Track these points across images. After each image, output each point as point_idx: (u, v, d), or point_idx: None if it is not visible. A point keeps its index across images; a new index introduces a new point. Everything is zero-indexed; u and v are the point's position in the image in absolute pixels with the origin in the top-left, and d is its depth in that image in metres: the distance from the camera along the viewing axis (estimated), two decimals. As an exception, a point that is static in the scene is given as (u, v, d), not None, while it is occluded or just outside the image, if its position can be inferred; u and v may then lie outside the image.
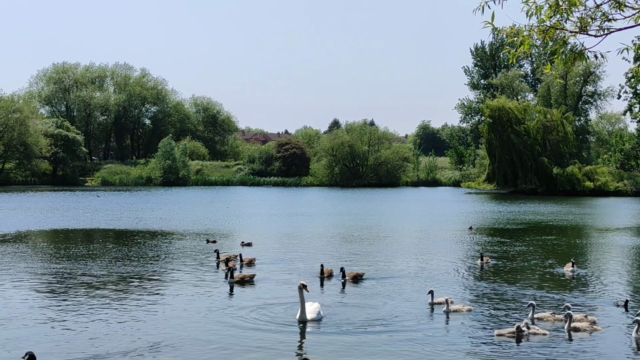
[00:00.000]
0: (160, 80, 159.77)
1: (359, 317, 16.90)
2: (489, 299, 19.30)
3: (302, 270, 24.02)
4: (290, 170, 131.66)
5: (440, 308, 17.64)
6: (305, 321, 16.35)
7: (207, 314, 17.15)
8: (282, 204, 69.19)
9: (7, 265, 24.52)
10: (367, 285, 21.19)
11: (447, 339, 15.00)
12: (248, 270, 23.75)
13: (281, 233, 38.51)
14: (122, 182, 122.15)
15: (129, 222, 44.58)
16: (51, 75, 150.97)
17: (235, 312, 17.38)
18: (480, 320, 16.73)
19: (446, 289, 20.47)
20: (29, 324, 15.69)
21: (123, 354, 13.49)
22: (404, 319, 16.82)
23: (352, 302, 18.73)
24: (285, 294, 19.53)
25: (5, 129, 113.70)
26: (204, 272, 23.51)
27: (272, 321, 16.46)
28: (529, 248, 31.47)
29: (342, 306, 18.28)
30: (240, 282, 21.17)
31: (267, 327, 15.93)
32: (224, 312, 17.36)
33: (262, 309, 17.67)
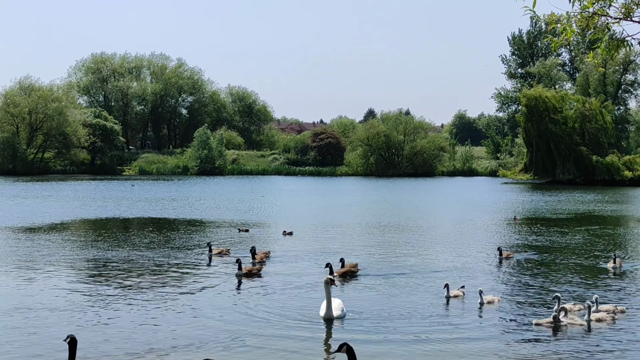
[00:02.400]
0: (196, 70, 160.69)
1: (387, 312, 16.10)
2: (527, 291, 18.97)
3: (322, 263, 23.54)
4: (325, 160, 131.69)
5: (456, 301, 17.21)
6: (331, 318, 15.21)
7: (232, 308, 16.40)
8: (317, 194, 69.23)
9: (46, 254, 24.73)
10: (399, 279, 20.38)
11: (483, 331, 14.76)
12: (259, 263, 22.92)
13: (316, 223, 38.39)
14: (158, 171, 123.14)
15: (164, 211, 44.91)
16: (89, 66, 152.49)
17: (250, 305, 16.66)
18: (516, 311, 16.45)
19: (480, 281, 20.06)
20: (67, 311, 15.78)
21: (149, 345, 13.44)
22: (438, 311, 16.40)
23: (378, 297, 17.92)
24: (304, 288, 18.87)
25: (44, 119, 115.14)
26: (230, 264, 22.78)
27: (293, 318, 15.46)
28: (574, 239, 30.71)
29: (366, 301, 17.32)
30: (247, 275, 20.42)
31: (287, 324, 14.95)
32: (243, 306, 16.58)
33: (282, 303, 16.88)
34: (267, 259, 23.77)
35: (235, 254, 23.89)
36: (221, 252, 24.43)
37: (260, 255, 23.34)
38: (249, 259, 22.85)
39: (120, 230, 33.70)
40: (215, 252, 24.30)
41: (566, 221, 39.88)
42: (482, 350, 13.31)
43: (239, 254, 24.49)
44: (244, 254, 23.67)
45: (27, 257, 23.68)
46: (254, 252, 23.29)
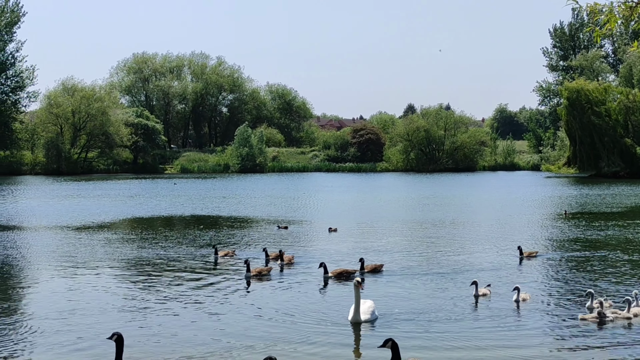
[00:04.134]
0: (236, 68, 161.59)
1: (421, 312, 15.62)
2: (561, 287, 18.63)
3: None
4: (365, 156, 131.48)
5: (484, 300, 16.82)
6: (359, 322, 14.53)
7: (267, 310, 15.91)
8: (358, 190, 69.11)
9: (92, 253, 25.07)
10: (433, 278, 19.90)
11: (527, 327, 14.52)
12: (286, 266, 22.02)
13: (359, 219, 38.32)
14: (200, 169, 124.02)
15: (206, 208, 45.25)
16: (131, 66, 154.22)
17: (276, 308, 16.08)
18: (554, 307, 16.22)
19: (508, 278, 19.67)
20: (113, 310, 15.96)
21: (196, 345, 13.47)
22: (477, 309, 16.13)
23: (411, 297, 17.37)
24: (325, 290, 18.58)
25: (87, 119, 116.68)
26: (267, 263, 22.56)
27: (321, 321, 14.89)
28: (624, 233, 29.98)
29: (400, 301, 16.81)
30: (257, 277, 19.85)
31: (315, 328, 14.36)
32: (271, 309, 15.96)
33: (303, 307, 16.25)
34: (233, 256, 23.38)
35: (272, 251, 23.72)
36: (227, 254, 23.68)
37: (288, 257, 22.50)
38: (259, 260, 22.42)
39: (163, 228, 34.02)
40: (221, 254, 23.61)
41: (617, 215, 39.02)
42: (531, 346, 13.12)
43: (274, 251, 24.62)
44: (290, 252, 23.66)
45: (73, 257, 23.97)
46: (266, 252, 22.92)
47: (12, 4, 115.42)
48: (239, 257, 23.23)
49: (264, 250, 23.20)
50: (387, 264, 21.91)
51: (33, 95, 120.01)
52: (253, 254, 23.87)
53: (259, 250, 24.16)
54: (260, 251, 23.74)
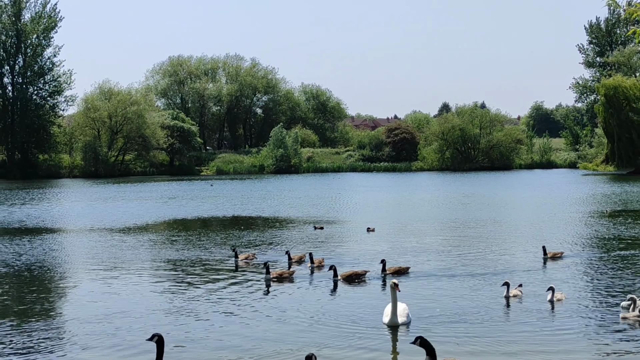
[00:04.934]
0: (270, 70, 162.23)
1: (456, 315, 15.30)
2: (593, 288, 18.39)
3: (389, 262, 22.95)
4: (400, 156, 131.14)
5: (515, 301, 16.56)
6: (396, 325, 14.32)
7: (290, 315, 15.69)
8: (394, 190, 68.93)
9: (130, 255, 25.35)
10: (466, 279, 19.53)
11: (567, 327, 14.37)
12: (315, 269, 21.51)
13: (395, 219, 38.26)
14: (235, 170, 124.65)
15: (243, 209, 45.54)
16: (166, 69, 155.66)
17: (309, 311, 15.85)
18: (591, 307, 16.03)
19: (538, 278, 19.49)
20: (152, 312, 16.10)
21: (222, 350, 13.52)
22: (509, 310, 15.93)
23: (444, 298, 17.12)
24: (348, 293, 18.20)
25: (124, 122, 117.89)
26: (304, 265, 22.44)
27: (354, 324, 14.69)
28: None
29: (430, 303, 16.56)
30: (278, 280, 19.51)
31: (349, 331, 14.16)
32: (305, 313, 15.76)
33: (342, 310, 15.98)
34: (253, 260, 22.98)
35: (300, 252, 23.66)
36: (247, 257, 23.13)
37: (318, 260, 21.99)
38: (283, 261, 22.28)
39: (201, 230, 34.23)
40: (241, 257, 23.03)
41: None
42: (575, 345, 13.04)
43: (306, 253, 24.69)
44: (321, 255, 23.67)
45: (112, 259, 24.27)
46: (289, 255, 22.56)
47: (49, 10, 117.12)
48: (259, 261, 22.84)
49: (286, 253, 22.89)
50: (422, 264, 21.86)
51: (70, 99, 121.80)
52: (276, 257, 23.71)
53: (283, 252, 23.74)
54: (283, 253, 23.39)
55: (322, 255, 23.35)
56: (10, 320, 15.38)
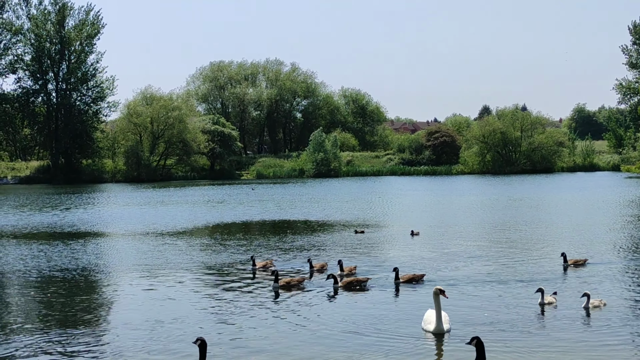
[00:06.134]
0: (310, 74, 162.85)
1: (490, 323, 14.98)
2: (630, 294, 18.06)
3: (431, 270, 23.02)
4: (440, 159, 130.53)
5: (550, 308, 16.23)
6: (442, 333, 14.08)
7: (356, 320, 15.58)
8: (435, 193, 68.65)
9: (174, 259, 25.59)
10: (504, 285, 19.22)
11: (611, 335, 14.11)
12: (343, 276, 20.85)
13: (437, 223, 37.97)
14: (275, 175, 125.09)
15: (283, 213, 45.66)
16: (207, 74, 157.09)
17: (344, 320, 15.56)
18: (631, 313, 15.79)
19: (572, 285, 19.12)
20: (194, 316, 16.26)
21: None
22: (544, 318, 15.61)
23: (480, 306, 16.70)
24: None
25: (165, 127, 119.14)
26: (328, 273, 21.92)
27: (391, 333, 14.41)
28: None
29: (466, 309, 16.27)
30: (286, 288, 19.11)
31: (388, 339, 13.96)
32: (339, 321, 15.47)
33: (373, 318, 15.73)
34: (271, 268, 22.31)
35: (322, 260, 23.34)
36: (265, 265, 22.55)
37: (349, 268, 21.43)
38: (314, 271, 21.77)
39: (243, 234, 34.38)
40: (259, 265, 22.49)
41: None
42: (615, 354, 12.88)
43: (349, 257, 24.65)
44: (346, 262, 23.57)
45: (156, 263, 24.54)
46: (311, 263, 22.06)
47: (92, 17, 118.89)
48: (278, 268, 22.35)
49: (308, 261, 22.39)
50: (461, 269, 21.68)
51: (113, 105, 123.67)
52: (299, 265, 23.23)
53: (305, 259, 23.40)
54: (306, 260, 22.93)
55: (359, 262, 23.25)
56: (56, 325, 15.65)
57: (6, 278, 21.97)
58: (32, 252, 27.54)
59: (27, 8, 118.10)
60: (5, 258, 26.15)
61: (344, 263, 22.16)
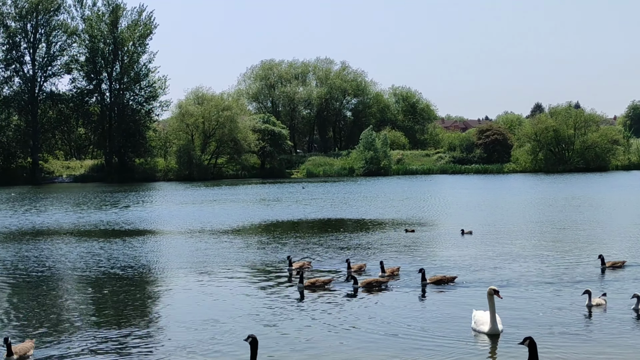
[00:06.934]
0: (360, 72, 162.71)
1: (542, 325, 14.73)
2: None
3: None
4: (491, 157, 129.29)
5: (598, 310, 15.87)
6: (497, 334, 13.98)
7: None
8: (486, 192, 68.08)
9: (226, 257, 25.79)
10: (553, 288, 18.73)
11: None
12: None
13: (488, 221, 37.63)
14: (325, 173, 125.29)
15: (334, 211, 45.79)
16: (258, 73, 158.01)
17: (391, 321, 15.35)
18: None
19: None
20: (240, 315, 16.30)
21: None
22: (591, 321, 15.28)
23: (528, 308, 16.36)
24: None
25: (217, 126, 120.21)
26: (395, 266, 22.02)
27: (442, 335, 14.21)
28: None
29: (521, 312, 15.99)
30: (311, 288, 18.99)
31: (439, 342, 13.76)
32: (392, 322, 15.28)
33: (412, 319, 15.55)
34: (308, 269, 22.12)
35: (361, 262, 22.99)
36: (302, 266, 22.13)
37: (391, 269, 21.06)
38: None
39: (293, 232, 34.52)
40: (295, 266, 22.15)
41: None
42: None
43: (406, 258, 24.58)
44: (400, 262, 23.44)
45: (207, 261, 24.75)
46: (349, 264, 21.68)
47: (144, 18, 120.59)
48: (316, 268, 22.52)
49: (346, 262, 22.03)
50: (510, 269, 21.41)
51: (165, 105, 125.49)
52: (338, 265, 23.04)
53: (382, 258, 22.96)
54: (343, 262, 22.59)
55: (407, 261, 23.12)
56: (112, 322, 15.92)
57: (67, 275, 22.51)
58: (92, 250, 28.11)
59: (82, 10, 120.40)
60: (68, 255, 26.77)
61: (390, 263, 22.13)
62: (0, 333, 14.80)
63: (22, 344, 13.37)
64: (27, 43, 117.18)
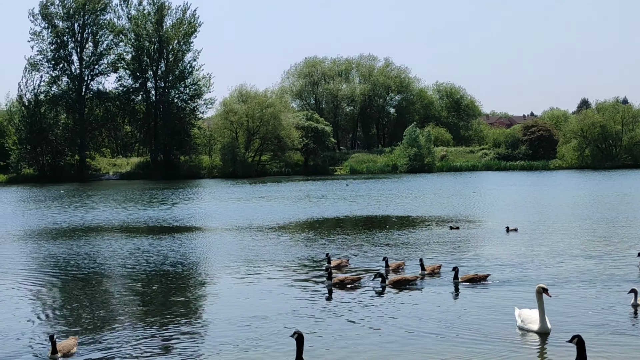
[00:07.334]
0: (403, 69, 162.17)
1: (586, 324, 14.50)
2: None
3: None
4: (537, 154, 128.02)
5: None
6: (547, 332, 13.84)
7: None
8: (532, 188, 67.38)
9: (270, 253, 25.98)
10: (598, 287, 18.52)
11: None
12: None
13: (534, 219, 37.28)
14: (368, 170, 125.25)
15: (378, 208, 45.76)
16: (301, 70, 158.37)
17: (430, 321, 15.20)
18: None
19: None
20: (285, 312, 16.34)
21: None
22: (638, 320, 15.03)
23: (573, 306, 16.16)
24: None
25: (260, 124, 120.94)
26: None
27: (487, 336, 13.96)
28: None
29: (567, 310, 15.79)
30: (339, 286, 18.94)
31: (482, 341, 13.59)
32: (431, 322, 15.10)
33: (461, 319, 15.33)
34: (346, 267, 22.21)
35: (400, 260, 22.89)
36: (339, 264, 22.21)
37: (431, 267, 20.92)
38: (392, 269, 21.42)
39: (337, 229, 34.58)
40: (334, 263, 22.10)
41: None
42: None
43: (448, 256, 24.56)
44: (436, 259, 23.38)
45: (252, 258, 24.94)
46: (387, 262, 21.59)
47: (189, 16, 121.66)
48: (354, 266, 22.49)
49: (384, 259, 21.89)
50: (554, 268, 21.16)
51: (210, 102, 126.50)
52: (375, 264, 22.83)
53: (424, 256, 22.97)
54: (381, 260, 22.36)
55: (450, 259, 23.07)
56: (158, 318, 16.11)
57: (116, 272, 22.92)
58: (142, 247, 28.56)
59: (127, 9, 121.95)
60: (118, 252, 27.26)
61: (432, 261, 22.09)
62: (48, 329, 15.03)
63: (66, 341, 13.43)
64: (74, 42, 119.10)
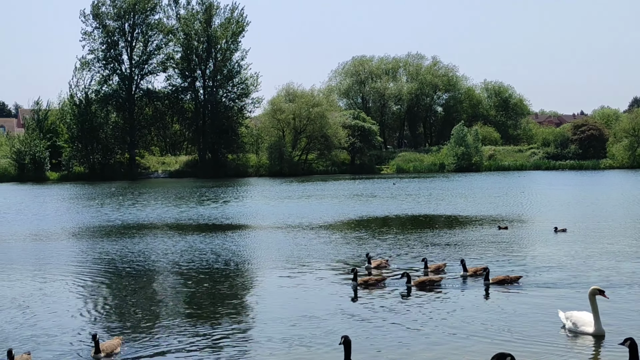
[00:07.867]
0: (451, 67, 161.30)
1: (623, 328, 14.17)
2: None
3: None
4: (587, 153, 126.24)
5: None
6: (603, 335, 13.63)
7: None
8: (582, 188, 66.47)
9: (317, 253, 26.01)
10: None
11: None
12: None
13: (585, 219, 36.68)
14: (415, 169, 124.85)
15: (425, 208, 45.61)
16: (349, 69, 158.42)
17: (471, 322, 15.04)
18: None
19: None
20: (331, 314, 16.23)
21: None
22: None
23: (623, 308, 15.90)
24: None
25: (307, 122, 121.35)
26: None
27: (533, 337, 13.79)
28: None
29: (618, 312, 15.45)
30: (364, 286, 18.91)
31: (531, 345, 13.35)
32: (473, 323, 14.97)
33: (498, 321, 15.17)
34: (386, 267, 21.96)
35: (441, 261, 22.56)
36: (379, 265, 22.08)
37: (474, 269, 20.47)
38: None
39: (383, 229, 34.61)
40: (373, 264, 22.03)
41: None
42: None
43: (492, 256, 24.43)
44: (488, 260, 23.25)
45: (299, 257, 24.93)
46: (426, 263, 21.37)
47: (237, 15, 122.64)
48: (394, 267, 22.30)
49: (423, 260, 21.66)
50: (600, 270, 20.80)
51: (257, 101, 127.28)
52: (415, 264, 22.59)
53: (470, 256, 23.05)
54: (420, 260, 22.15)
55: (497, 260, 22.84)
56: (205, 317, 16.17)
57: (168, 269, 23.20)
58: (194, 244, 28.88)
59: (177, 9, 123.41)
60: (171, 249, 27.63)
61: (478, 262, 22.00)
62: (95, 328, 15.09)
63: (110, 342, 13.38)
64: (124, 42, 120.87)
